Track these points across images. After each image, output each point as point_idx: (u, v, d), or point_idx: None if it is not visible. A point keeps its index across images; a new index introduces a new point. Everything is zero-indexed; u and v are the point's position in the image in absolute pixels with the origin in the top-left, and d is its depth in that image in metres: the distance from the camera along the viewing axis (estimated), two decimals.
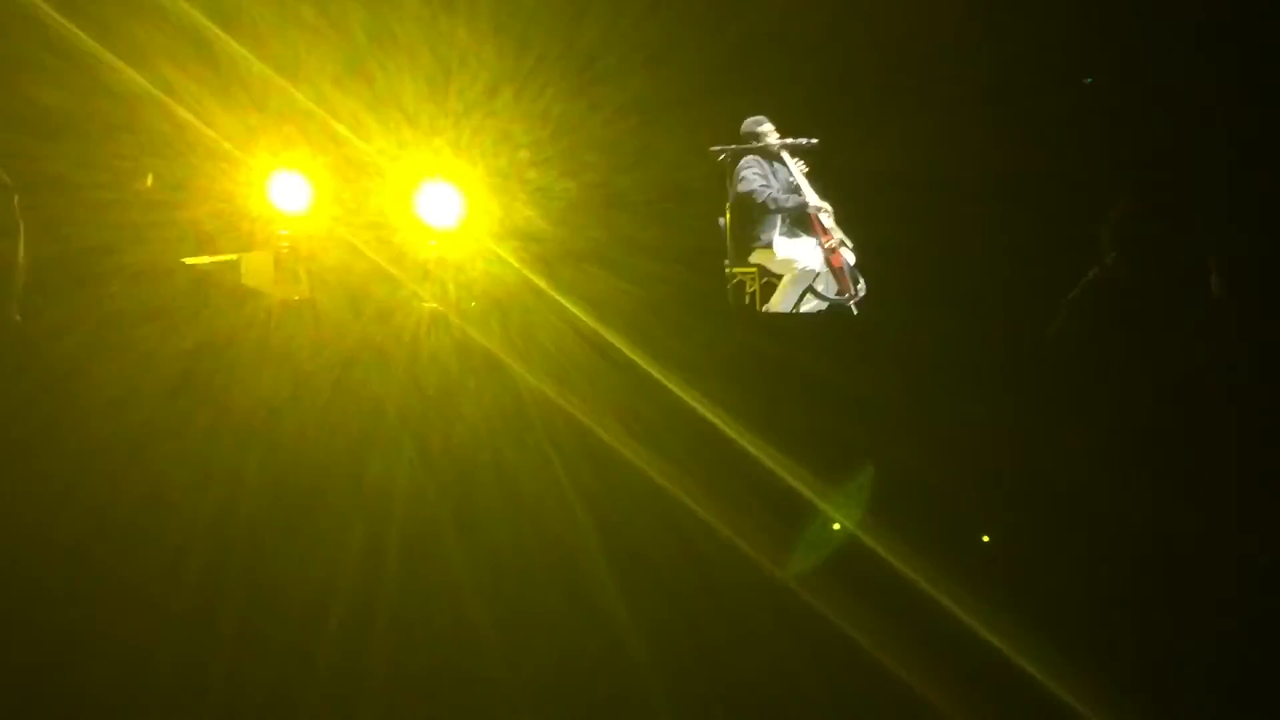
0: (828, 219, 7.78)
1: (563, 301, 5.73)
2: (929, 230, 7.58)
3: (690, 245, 7.68)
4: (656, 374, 4.96)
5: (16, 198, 3.48)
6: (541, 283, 6.23)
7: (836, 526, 4.77)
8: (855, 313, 7.69)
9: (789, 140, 7.81)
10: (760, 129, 7.81)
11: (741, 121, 7.88)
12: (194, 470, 4.33)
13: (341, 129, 6.80)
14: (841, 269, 7.73)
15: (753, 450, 4.74)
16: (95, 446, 4.24)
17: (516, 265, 6.54)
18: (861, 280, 7.79)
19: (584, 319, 5.44)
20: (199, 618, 4.09)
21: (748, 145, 7.79)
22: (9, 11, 5.66)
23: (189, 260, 6.17)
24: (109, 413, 4.31)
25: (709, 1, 7.83)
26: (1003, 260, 7.29)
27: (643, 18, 7.58)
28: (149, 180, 6.41)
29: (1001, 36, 7.84)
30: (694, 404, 4.85)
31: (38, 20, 5.70)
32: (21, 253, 3.73)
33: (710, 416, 4.82)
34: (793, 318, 7.49)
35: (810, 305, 7.75)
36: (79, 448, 4.22)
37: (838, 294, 7.72)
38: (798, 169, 7.85)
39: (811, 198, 7.77)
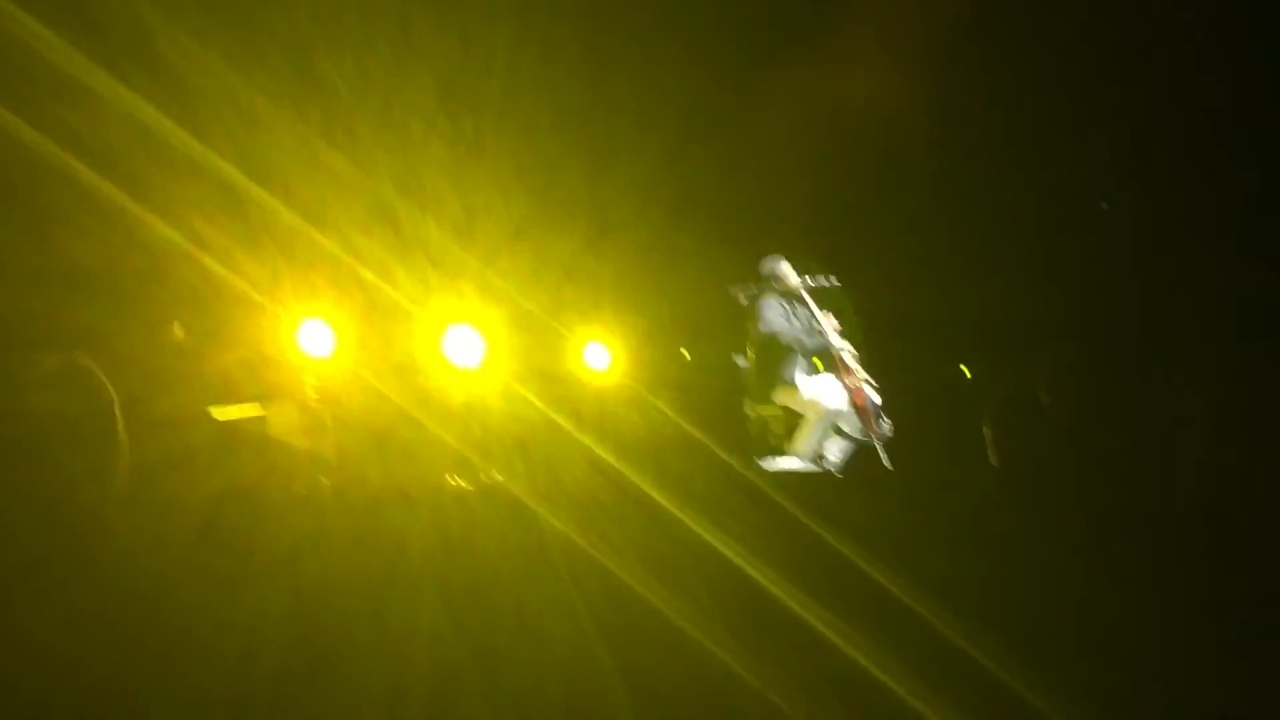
0: (850, 359, 7.80)
1: (586, 441, 5.75)
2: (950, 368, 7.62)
3: (711, 384, 7.74)
4: (679, 513, 4.95)
5: (116, 403, 3.58)
6: (565, 422, 6.26)
7: None
8: (881, 453, 7.66)
9: (807, 279, 7.86)
10: (779, 269, 7.86)
11: (758, 263, 7.96)
12: (217, 616, 4.33)
13: (368, 274, 6.91)
14: (865, 408, 7.71)
15: (774, 590, 4.70)
16: (120, 592, 4.25)
17: (540, 405, 6.58)
18: (886, 420, 7.76)
19: (607, 458, 5.45)
20: None
21: (767, 286, 7.85)
22: (41, 168, 5.80)
23: (215, 412, 6.22)
24: (133, 559, 4.33)
25: (724, 155, 7.99)
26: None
27: (661, 167, 7.76)
28: (178, 330, 6.51)
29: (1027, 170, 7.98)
30: (717, 544, 4.83)
31: (70, 176, 5.83)
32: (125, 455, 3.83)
33: (733, 557, 4.79)
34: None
35: (835, 443, 7.74)
36: (105, 592, 4.23)
37: (862, 433, 7.70)
38: (818, 309, 7.90)
39: (834, 338, 7.80)
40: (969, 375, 8.02)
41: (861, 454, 7.72)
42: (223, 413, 6.24)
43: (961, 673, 4.41)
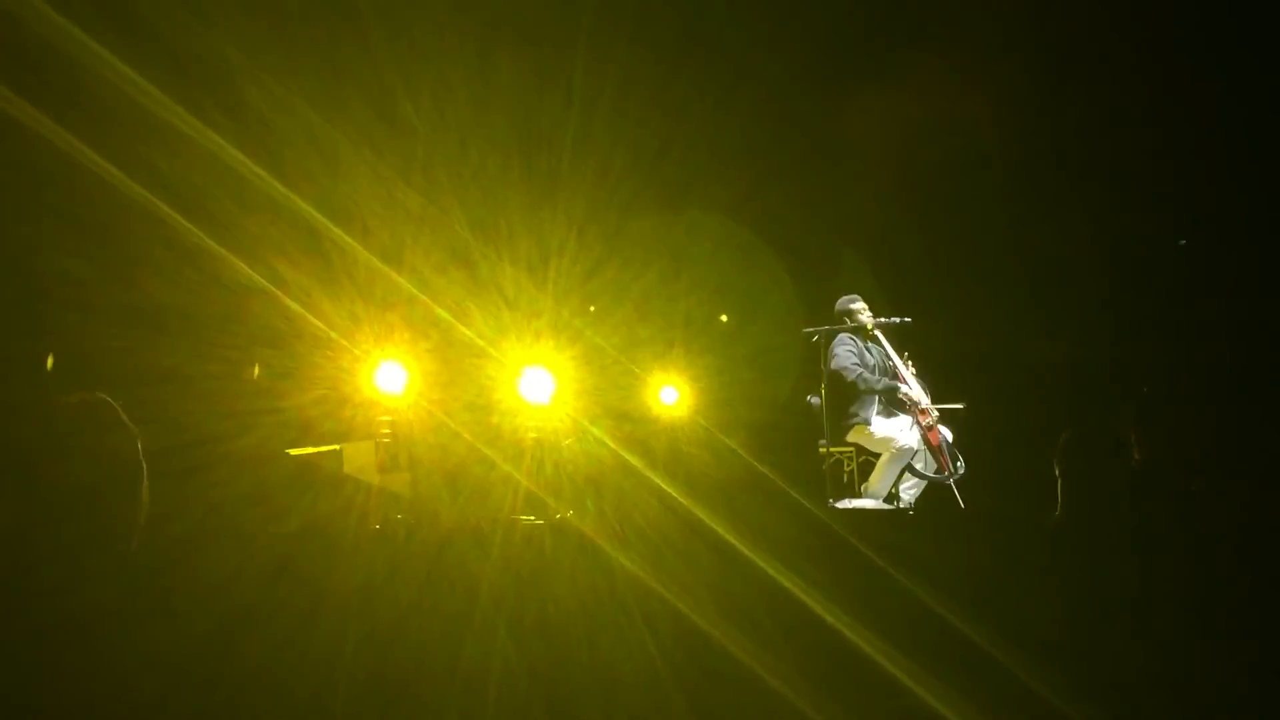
0: (924, 398, 7.72)
1: (657, 480, 5.75)
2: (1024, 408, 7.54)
3: (785, 425, 7.71)
4: (751, 554, 4.92)
5: (140, 442, 3.63)
6: (637, 461, 6.27)
7: None
8: (956, 493, 7.57)
9: (881, 319, 7.83)
10: (853, 307, 7.84)
11: (834, 302, 7.95)
12: (293, 650, 4.36)
13: (443, 314, 6.98)
14: (939, 447, 7.62)
15: (848, 633, 4.65)
16: (198, 627, 4.30)
17: (612, 444, 6.59)
18: (961, 459, 7.67)
19: (679, 498, 5.44)
20: None
21: (841, 325, 7.83)
22: (127, 209, 5.93)
23: (293, 451, 6.30)
24: (211, 594, 4.38)
25: (797, 195, 8.00)
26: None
27: (735, 207, 7.79)
28: (256, 370, 6.62)
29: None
30: (789, 585, 4.80)
31: (157, 219, 5.96)
32: (145, 494, 3.89)
33: (805, 598, 4.75)
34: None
35: (909, 484, 7.67)
36: (185, 630, 4.28)
37: (936, 472, 7.62)
38: (892, 348, 7.86)
39: (907, 378, 7.74)
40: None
41: (936, 493, 7.63)
42: (299, 451, 6.33)
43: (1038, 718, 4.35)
